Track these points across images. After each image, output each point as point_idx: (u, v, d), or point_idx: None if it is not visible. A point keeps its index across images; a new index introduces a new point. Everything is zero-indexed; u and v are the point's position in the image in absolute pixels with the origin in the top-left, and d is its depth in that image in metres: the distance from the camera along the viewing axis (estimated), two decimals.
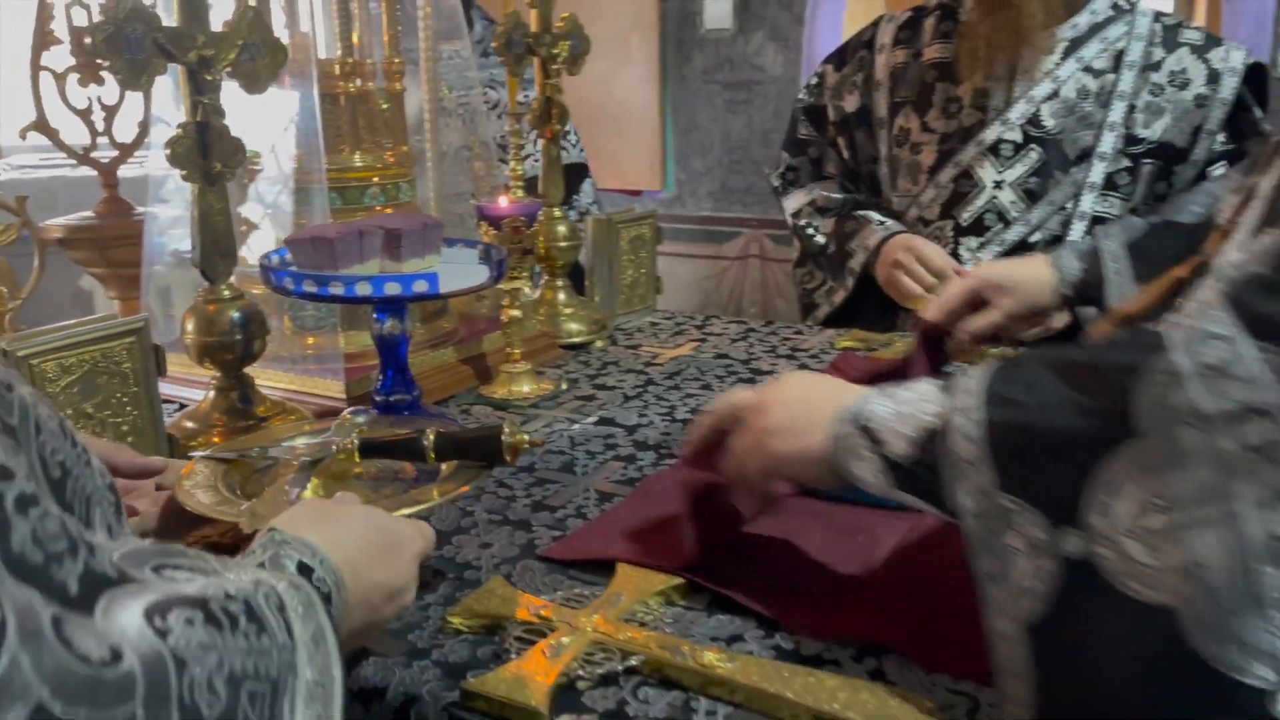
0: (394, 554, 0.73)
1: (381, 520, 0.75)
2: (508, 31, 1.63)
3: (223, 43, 1.17)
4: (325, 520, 0.68)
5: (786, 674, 0.76)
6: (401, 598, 0.74)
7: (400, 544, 0.74)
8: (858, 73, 1.91)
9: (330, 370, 1.37)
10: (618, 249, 1.90)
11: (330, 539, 0.65)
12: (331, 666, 0.56)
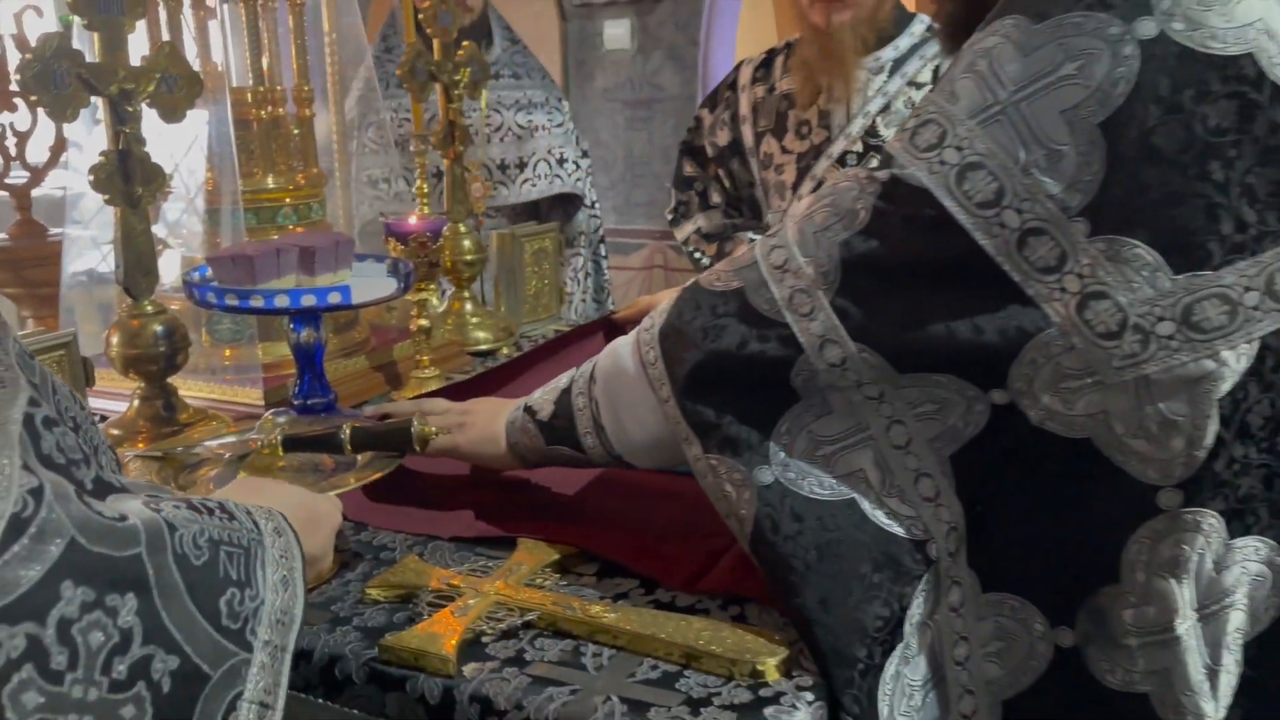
0: (315, 526, 0.84)
1: (303, 497, 0.86)
2: (410, 60, 1.75)
3: (142, 76, 1.26)
4: (258, 496, 0.79)
5: (661, 620, 0.90)
6: (319, 564, 0.85)
7: (320, 518, 0.86)
8: (725, 111, 2.15)
9: (249, 379, 1.46)
10: (521, 261, 2.02)
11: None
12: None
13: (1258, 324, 0.77)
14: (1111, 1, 0.78)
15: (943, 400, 0.85)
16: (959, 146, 0.81)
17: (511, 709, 0.81)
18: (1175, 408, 0.78)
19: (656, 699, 0.81)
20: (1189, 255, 0.77)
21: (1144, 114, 0.76)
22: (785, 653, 0.85)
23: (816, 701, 0.82)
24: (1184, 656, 0.83)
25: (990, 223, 0.79)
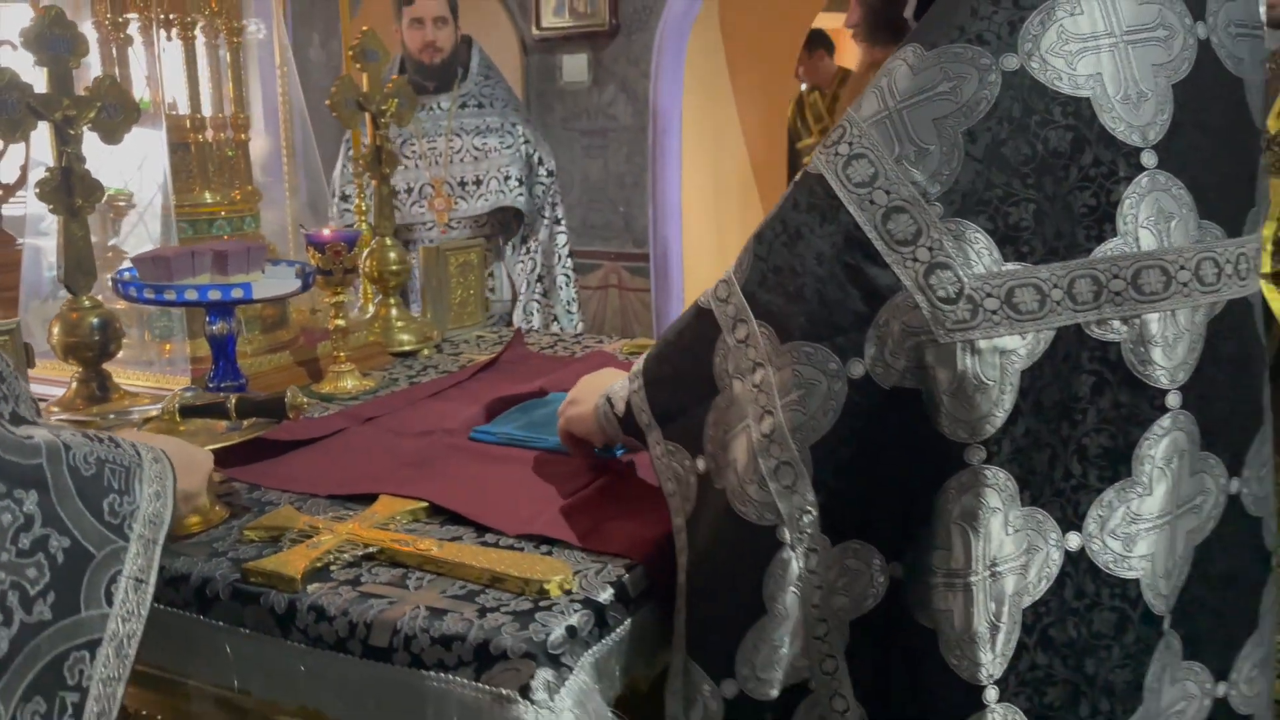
0: (192, 468, 1.05)
1: (183, 446, 1.06)
2: (341, 91, 1.97)
3: (84, 105, 1.47)
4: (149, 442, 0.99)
5: (476, 552, 1.09)
6: (195, 500, 1.05)
7: (196, 463, 1.06)
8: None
9: (180, 369, 1.66)
10: (447, 273, 2.23)
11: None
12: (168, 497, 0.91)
13: (1058, 316, 0.92)
14: (986, 38, 0.93)
15: (808, 385, 0.97)
16: (850, 142, 0.97)
17: (339, 615, 1.01)
18: (988, 372, 0.91)
19: (455, 608, 1.00)
20: (1017, 247, 0.91)
21: (998, 128, 0.92)
22: (566, 574, 1.04)
23: (584, 611, 1.00)
24: (971, 606, 0.93)
25: (863, 199, 0.95)
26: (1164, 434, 0.95)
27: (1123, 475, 0.96)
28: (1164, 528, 0.97)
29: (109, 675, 0.81)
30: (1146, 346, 0.93)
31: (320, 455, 1.43)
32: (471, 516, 1.20)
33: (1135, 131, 0.92)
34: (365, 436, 1.51)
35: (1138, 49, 0.93)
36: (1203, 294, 0.95)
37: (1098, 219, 0.92)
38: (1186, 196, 0.94)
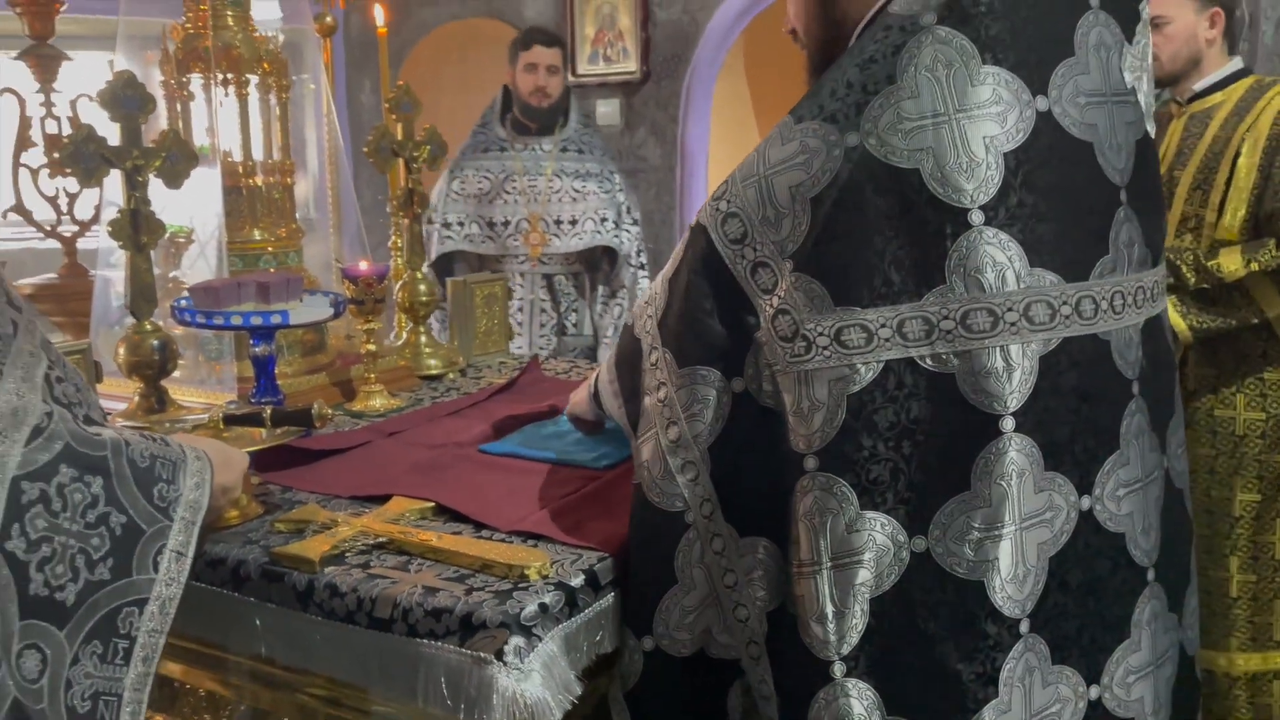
0: (229, 465, 1.23)
1: (222, 445, 1.25)
2: (376, 139, 2.18)
3: (151, 155, 1.69)
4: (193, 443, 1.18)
5: (469, 542, 1.27)
6: (231, 493, 1.24)
7: (233, 460, 1.24)
8: None
9: (227, 387, 1.87)
10: (473, 304, 2.43)
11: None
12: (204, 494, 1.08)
13: (886, 351, 1.07)
14: (837, 118, 1.09)
15: (704, 399, 1.16)
16: (729, 199, 1.15)
17: (349, 592, 1.18)
18: (819, 395, 1.09)
19: (447, 587, 1.17)
20: (848, 295, 1.07)
21: (837, 195, 1.07)
22: (545, 561, 1.21)
23: (556, 592, 1.17)
24: (816, 592, 1.08)
25: (736, 254, 1.14)
26: (1001, 453, 1.07)
27: (963, 488, 1.07)
28: (1009, 537, 1.07)
29: (153, 628, 0.99)
30: (977, 377, 1.06)
31: (346, 463, 1.62)
32: (471, 515, 1.37)
33: (964, 195, 1.06)
34: (386, 448, 1.69)
35: (972, 124, 1.06)
36: (1032, 332, 1.07)
37: (927, 270, 1.06)
38: (1015, 248, 1.07)
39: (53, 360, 0.99)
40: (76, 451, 0.94)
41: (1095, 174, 1.13)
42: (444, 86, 4.75)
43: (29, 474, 0.89)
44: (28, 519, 0.88)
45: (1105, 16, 1.15)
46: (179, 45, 1.95)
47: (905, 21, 1.09)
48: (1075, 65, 1.12)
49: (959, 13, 1.08)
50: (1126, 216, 1.15)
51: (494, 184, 3.50)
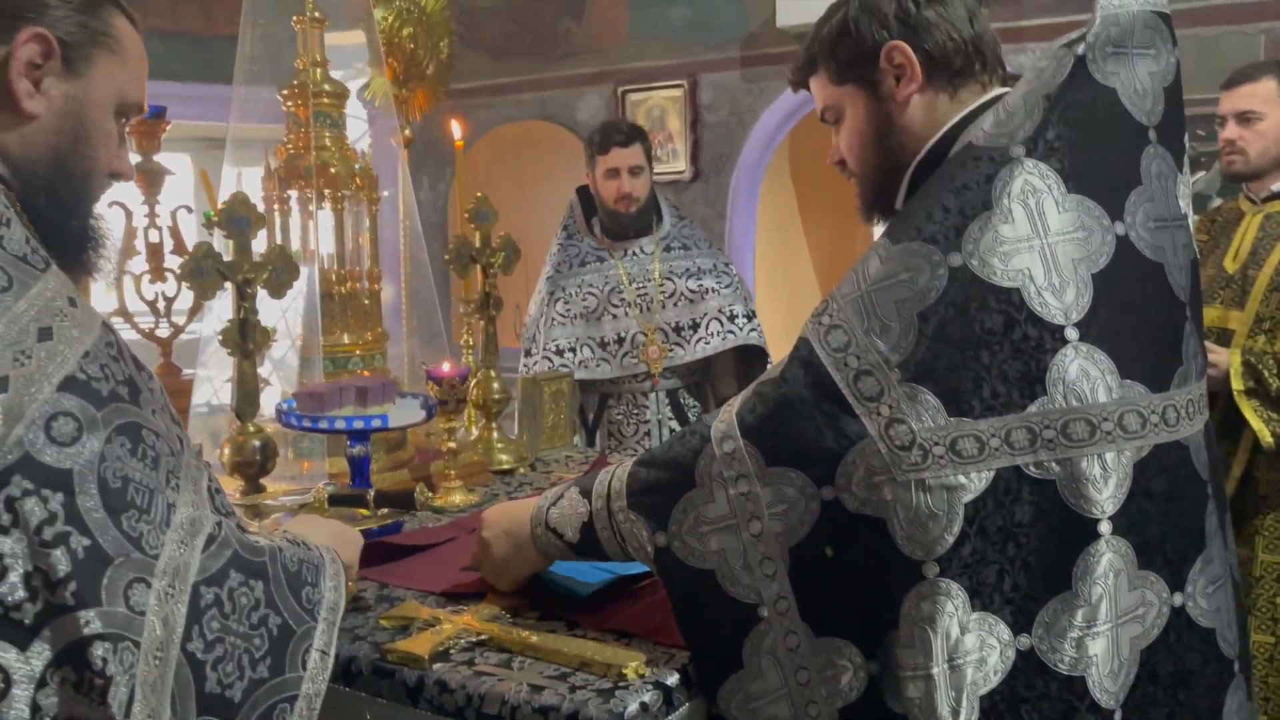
0: (346, 543, 1.33)
1: (339, 525, 1.36)
2: (457, 247, 2.31)
3: (259, 268, 1.83)
4: (311, 525, 1.29)
5: (567, 641, 1.34)
6: (351, 571, 1.32)
7: (350, 540, 1.34)
8: None
9: (319, 482, 1.97)
10: (541, 400, 2.53)
11: (314, 537, 1.25)
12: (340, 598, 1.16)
13: (996, 460, 1.13)
14: (938, 240, 1.17)
15: (790, 500, 1.20)
16: (831, 314, 1.22)
17: (458, 689, 1.25)
18: (936, 504, 1.13)
19: (550, 685, 1.24)
20: (959, 406, 1.14)
21: (944, 312, 1.15)
22: (640, 661, 1.27)
23: (654, 691, 1.23)
24: (934, 693, 1.12)
25: (839, 362, 1.19)
26: (1099, 555, 1.14)
27: (1064, 588, 1.14)
28: (1106, 633, 1.14)
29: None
30: (1078, 483, 1.14)
31: (435, 559, 1.70)
32: (565, 614, 1.45)
33: (1059, 312, 1.15)
34: (472, 544, 1.77)
35: (1061, 246, 1.16)
36: (1126, 440, 1.15)
37: (1029, 382, 1.14)
38: (1107, 362, 1.15)
39: (209, 472, 1.08)
40: (242, 557, 1.01)
41: (1166, 292, 1.22)
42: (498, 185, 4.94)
43: (206, 579, 0.96)
44: (205, 621, 0.95)
45: (1162, 149, 1.25)
46: (281, 164, 2.10)
47: (995, 153, 1.19)
48: (1143, 193, 1.22)
49: (1044, 146, 1.18)
50: (1190, 331, 1.24)
51: (599, 299, 3.15)
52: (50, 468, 0.84)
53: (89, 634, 0.84)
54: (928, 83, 1.33)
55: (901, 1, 1.33)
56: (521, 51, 5.43)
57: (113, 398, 0.90)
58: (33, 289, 0.88)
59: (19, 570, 0.82)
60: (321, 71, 2.12)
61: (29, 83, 1.03)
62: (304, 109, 2.11)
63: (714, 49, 4.91)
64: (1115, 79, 1.21)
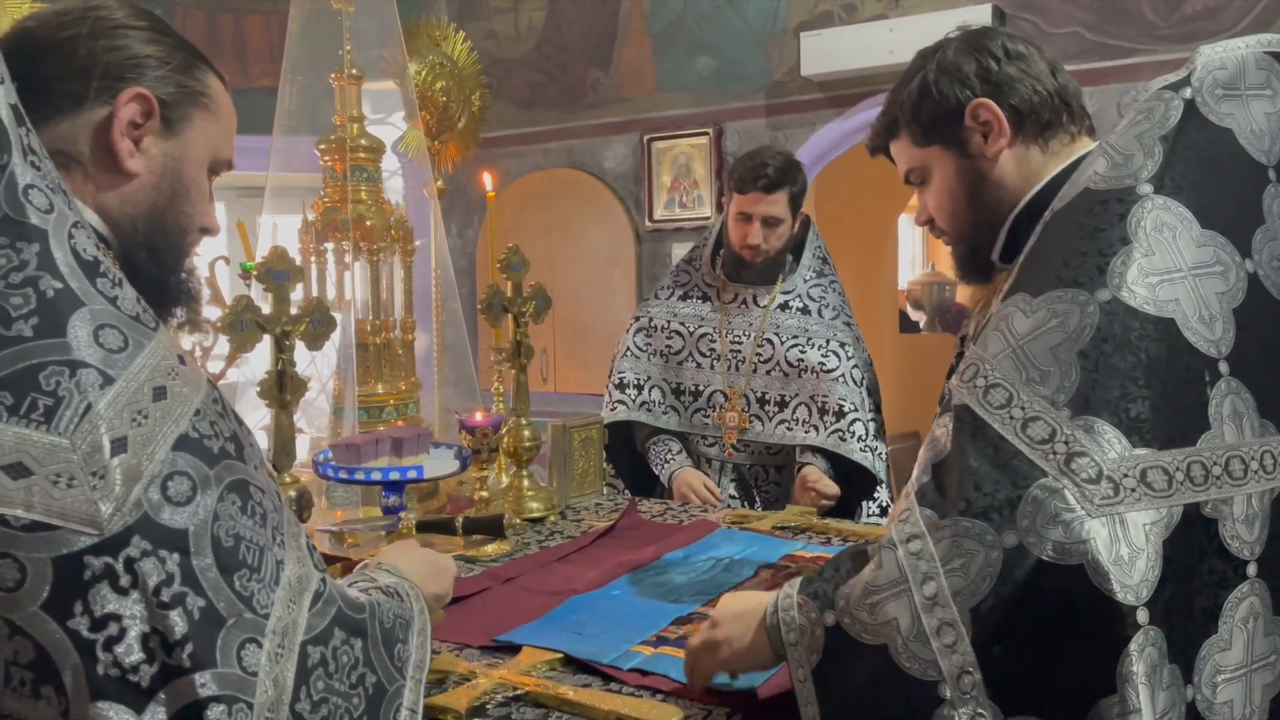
0: (440, 574, 1.32)
1: (433, 554, 1.35)
2: (489, 297, 2.34)
3: (297, 321, 1.85)
4: (408, 554, 1.29)
5: (603, 696, 1.33)
6: (444, 600, 1.32)
7: (443, 569, 1.33)
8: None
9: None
10: (570, 447, 2.53)
11: (408, 565, 1.26)
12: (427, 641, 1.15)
13: (1182, 494, 1.09)
14: (1081, 281, 1.15)
15: (969, 554, 1.07)
16: (985, 375, 1.18)
17: None
18: (1136, 539, 1.06)
19: None
20: (1141, 436, 1.09)
21: (1104, 345, 1.11)
22: (679, 717, 1.27)
23: None
24: None
25: (1004, 416, 1.14)
26: (1243, 598, 1.11)
27: (1212, 632, 1.11)
28: (1242, 679, 1.11)
29: None
30: (1233, 523, 1.11)
31: (470, 610, 1.70)
32: (602, 669, 1.44)
33: (1211, 345, 1.13)
34: (506, 594, 1.77)
35: (1204, 280, 1.15)
36: (1267, 480, 1.13)
37: (1195, 415, 1.11)
38: (1251, 399, 1.14)
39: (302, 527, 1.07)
40: (345, 614, 1.00)
41: None
42: (525, 232, 5.00)
43: (312, 638, 0.94)
44: (311, 681, 0.92)
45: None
46: (318, 217, 2.14)
47: (1121, 193, 1.18)
48: (1268, 231, 1.20)
49: (1171, 183, 1.17)
50: None
51: (686, 341, 2.75)
52: (167, 528, 0.84)
53: (205, 696, 0.83)
54: (1017, 136, 1.35)
55: (982, 60, 1.34)
56: (549, 101, 5.52)
57: (222, 455, 0.90)
58: (146, 348, 0.89)
59: (136, 631, 0.82)
60: (358, 126, 2.17)
61: (130, 142, 1.05)
62: (341, 163, 2.15)
63: (739, 97, 4.98)
64: (1230, 120, 1.21)
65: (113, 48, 1.05)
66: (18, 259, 0.85)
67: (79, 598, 0.81)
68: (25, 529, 0.80)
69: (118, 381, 0.85)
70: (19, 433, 0.81)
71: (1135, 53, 4.12)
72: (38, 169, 0.91)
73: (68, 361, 0.83)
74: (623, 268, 5.21)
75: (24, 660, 0.81)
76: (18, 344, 0.82)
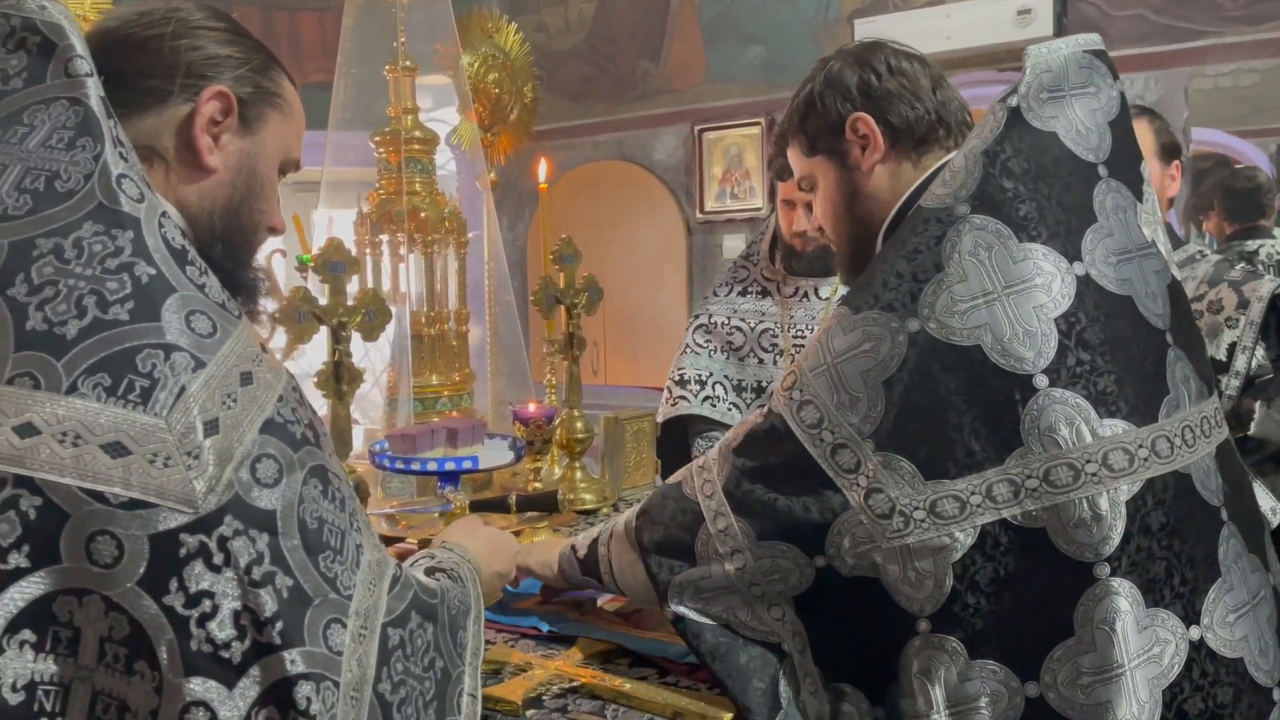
0: (503, 552, 1.35)
1: (495, 532, 1.37)
2: (543, 288, 2.34)
3: (353, 312, 1.86)
4: (469, 532, 1.32)
5: (660, 689, 1.32)
6: (507, 578, 1.36)
7: (505, 546, 1.36)
8: None
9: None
10: (623, 439, 2.52)
11: (471, 544, 1.29)
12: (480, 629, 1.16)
13: (979, 516, 1.13)
14: (894, 306, 1.18)
15: (784, 570, 1.23)
16: (801, 388, 1.24)
17: None
18: (924, 566, 1.15)
19: None
20: (936, 469, 1.14)
21: (908, 378, 1.16)
22: (734, 711, 1.25)
23: None
24: None
25: (814, 438, 1.20)
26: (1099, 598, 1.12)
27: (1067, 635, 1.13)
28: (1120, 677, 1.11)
29: None
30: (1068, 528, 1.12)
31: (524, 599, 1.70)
32: (658, 661, 1.43)
33: (1025, 362, 1.14)
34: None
35: (1020, 296, 1.16)
36: (1114, 479, 1.13)
37: (1003, 436, 1.13)
38: (1083, 404, 1.13)
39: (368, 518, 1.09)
40: (421, 599, 1.02)
41: (1139, 323, 1.20)
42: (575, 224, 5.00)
43: (392, 621, 0.96)
44: (391, 663, 0.95)
45: (1116, 183, 1.26)
46: (373, 209, 2.15)
47: (941, 214, 1.20)
48: (1100, 230, 1.21)
49: (989, 200, 1.19)
50: (1177, 356, 1.22)
51: (748, 337, 2.69)
52: (257, 508, 0.86)
53: (294, 673, 0.85)
54: (891, 151, 1.38)
55: (864, 74, 1.39)
56: (599, 94, 5.51)
57: (304, 440, 0.93)
58: (233, 334, 0.91)
59: (229, 608, 0.84)
60: (412, 119, 2.18)
61: (210, 138, 1.08)
62: (395, 155, 2.16)
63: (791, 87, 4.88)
64: (1055, 122, 1.23)
65: (195, 47, 1.08)
66: (113, 245, 0.88)
67: (174, 574, 0.82)
68: (124, 506, 0.82)
69: (209, 365, 0.87)
70: (117, 413, 0.83)
71: (1203, 35, 3.99)
72: (125, 160, 0.94)
73: (162, 345, 0.85)
74: (673, 260, 5.18)
75: (118, 636, 0.83)
76: (115, 327, 0.85)
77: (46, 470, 0.81)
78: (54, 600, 0.82)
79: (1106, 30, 4.06)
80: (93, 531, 0.81)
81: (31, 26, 0.96)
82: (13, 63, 0.95)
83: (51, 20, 0.96)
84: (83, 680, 0.84)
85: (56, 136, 0.92)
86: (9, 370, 0.83)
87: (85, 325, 0.84)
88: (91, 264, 0.87)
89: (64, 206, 0.89)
